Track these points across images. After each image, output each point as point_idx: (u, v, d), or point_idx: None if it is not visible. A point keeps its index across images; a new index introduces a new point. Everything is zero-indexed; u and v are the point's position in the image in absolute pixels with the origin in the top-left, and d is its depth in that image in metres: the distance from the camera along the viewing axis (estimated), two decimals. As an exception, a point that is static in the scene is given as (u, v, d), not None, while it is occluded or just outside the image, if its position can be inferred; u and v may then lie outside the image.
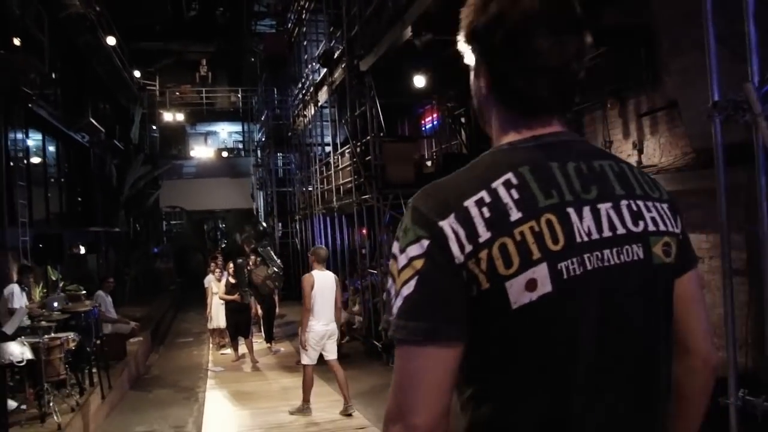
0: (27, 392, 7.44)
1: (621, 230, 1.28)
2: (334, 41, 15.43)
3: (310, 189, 19.23)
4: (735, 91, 3.88)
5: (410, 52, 10.24)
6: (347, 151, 13.90)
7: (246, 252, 13.27)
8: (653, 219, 1.33)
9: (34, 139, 15.40)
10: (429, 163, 14.86)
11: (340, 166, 14.92)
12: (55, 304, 9.41)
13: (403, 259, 1.25)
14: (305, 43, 19.51)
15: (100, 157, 21.16)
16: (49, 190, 16.41)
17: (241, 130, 33.49)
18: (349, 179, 13.73)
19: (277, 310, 13.96)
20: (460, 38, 1.38)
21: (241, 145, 33.70)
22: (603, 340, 1.24)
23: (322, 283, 8.35)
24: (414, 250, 1.24)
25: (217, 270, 13.54)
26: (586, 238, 1.25)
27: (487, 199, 1.24)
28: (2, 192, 11.76)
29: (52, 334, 7.80)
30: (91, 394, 8.25)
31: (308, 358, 8.32)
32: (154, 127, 30.32)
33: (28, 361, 6.71)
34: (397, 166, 11.82)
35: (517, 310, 1.20)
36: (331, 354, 8.48)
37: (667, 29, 7.30)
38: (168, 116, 30.45)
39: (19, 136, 13.42)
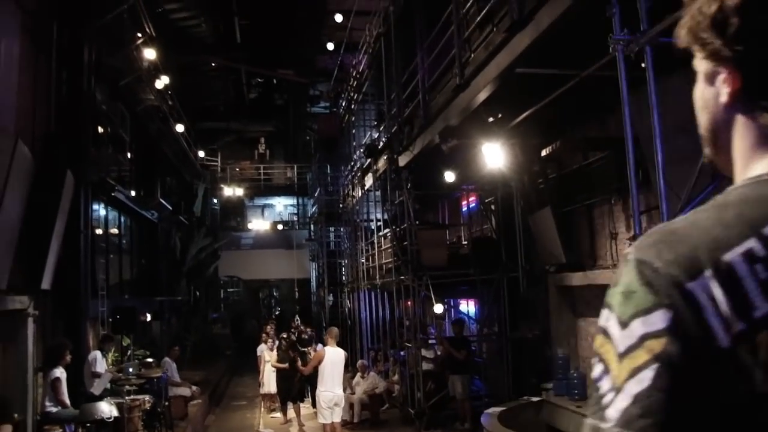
0: (110, 445, 8.96)
1: None
2: (378, 134, 17.15)
3: (357, 262, 20.73)
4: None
5: (441, 151, 11.76)
6: (388, 234, 15.42)
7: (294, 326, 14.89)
8: None
9: (111, 218, 17.35)
10: (466, 246, 16.21)
11: (383, 247, 16.43)
12: (131, 370, 11.00)
13: (626, 338, 0.81)
14: (353, 131, 21.33)
15: (166, 231, 23.11)
16: (122, 263, 18.28)
17: (295, 203, 35.51)
18: (390, 260, 15.21)
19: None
20: (683, 34, 0.97)
21: (295, 218, 35.63)
22: None
23: (333, 357, 10.20)
24: (647, 324, 0.80)
25: (269, 340, 15.05)
26: None
27: (761, 253, 0.80)
28: (88, 268, 13.51)
29: (132, 396, 9.35)
30: (161, 449, 9.74)
31: (323, 418, 10.18)
32: (215, 201, 32.59)
33: (115, 418, 8.24)
34: (430, 250, 13.24)
35: None
36: (336, 417, 10.27)
37: (646, 142, 8.61)
38: (228, 191, 32.70)
39: (101, 217, 15.34)
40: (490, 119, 10.41)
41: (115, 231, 17.80)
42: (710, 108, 1.00)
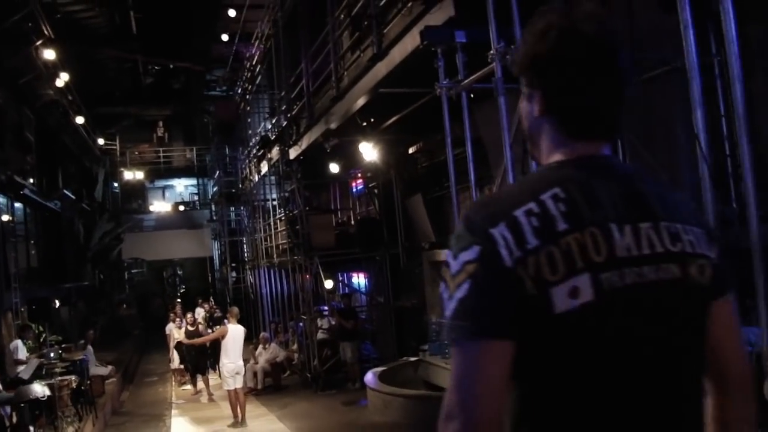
0: (41, 421, 10.27)
1: (659, 249, 1.35)
2: (270, 126, 18.60)
3: (257, 240, 22.01)
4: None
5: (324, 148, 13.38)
6: (282, 217, 17.00)
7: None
8: (690, 241, 1.39)
9: (18, 213, 18.16)
10: (353, 225, 17.95)
11: (279, 229, 17.98)
12: (52, 354, 12.25)
13: (456, 265, 1.31)
14: (249, 119, 22.61)
15: (69, 219, 23.78)
16: (29, 254, 19.09)
17: (196, 183, 36.28)
18: (285, 241, 16.80)
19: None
20: (515, 68, 1.51)
21: (196, 198, 36.38)
22: (637, 351, 1.31)
23: (234, 333, 11.96)
24: (466, 255, 1.30)
25: (177, 319, 16.43)
26: (626, 254, 1.31)
27: (536, 210, 1.31)
28: (0, 261, 14.47)
29: (60, 378, 10.69)
30: (86, 422, 11.10)
31: (228, 385, 11.89)
32: (116, 185, 33.12)
33: (47, 396, 9.61)
34: (320, 233, 14.94)
35: (559, 316, 1.26)
36: (238, 384, 12.00)
37: (488, 149, 10.46)
38: (128, 174, 33.20)
39: (8, 214, 16.22)
40: (364, 123, 12.07)
41: (21, 226, 18.56)
42: (529, 118, 1.49)
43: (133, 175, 33.23)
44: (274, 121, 17.87)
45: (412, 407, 10.77)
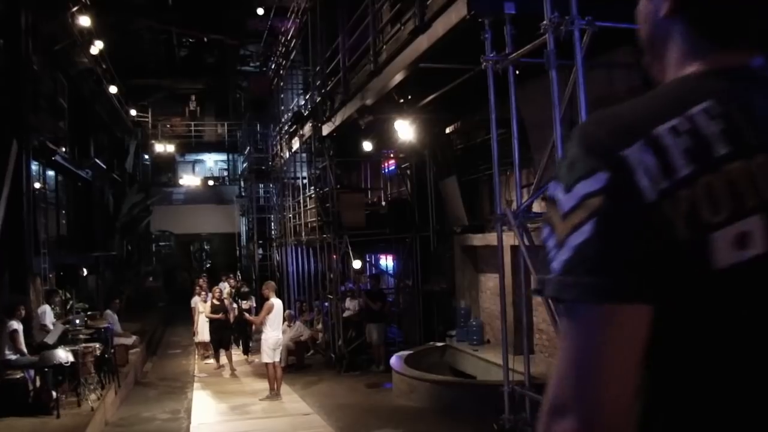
0: (64, 387, 10.20)
1: None
2: (304, 101, 18.35)
3: (285, 218, 21.92)
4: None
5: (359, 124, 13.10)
6: (312, 195, 16.79)
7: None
8: None
9: (48, 178, 18.15)
10: (384, 206, 17.68)
11: (308, 207, 17.78)
12: (77, 321, 12.18)
13: (569, 200, 0.94)
14: (282, 95, 22.40)
15: (99, 188, 23.86)
16: (59, 221, 19.11)
17: (226, 159, 36.31)
18: (314, 219, 16.59)
19: (253, 327, 16.64)
20: None
21: (226, 174, 36.44)
22: None
23: (278, 306, 11.94)
24: (587, 185, 0.93)
25: (203, 292, 16.33)
26: None
27: (685, 127, 0.94)
28: (31, 227, 14.43)
29: (84, 344, 10.60)
30: (108, 390, 11.01)
31: (268, 358, 11.76)
32: (147, 157, 33.21)
33: (71, 362, 9.51)
34: (350, 212, 14.68)
35: (721, 273, 0.90)
36: (277, 357, 12.00)
37: (529, 130, 10.12)
38: (159, 147, 33.34)
39: (39, 177, 16.19)
40: (401, 100, 11.77)
41: (52, 192, 18.57)
42: (651, 20, 1.11)
43: (164, 147, 33.35)
44: (307, 97, 17.61)
45: (439, 393, 10.56)
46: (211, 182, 35.04)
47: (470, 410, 9.76)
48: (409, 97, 11.79)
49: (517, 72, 7.32)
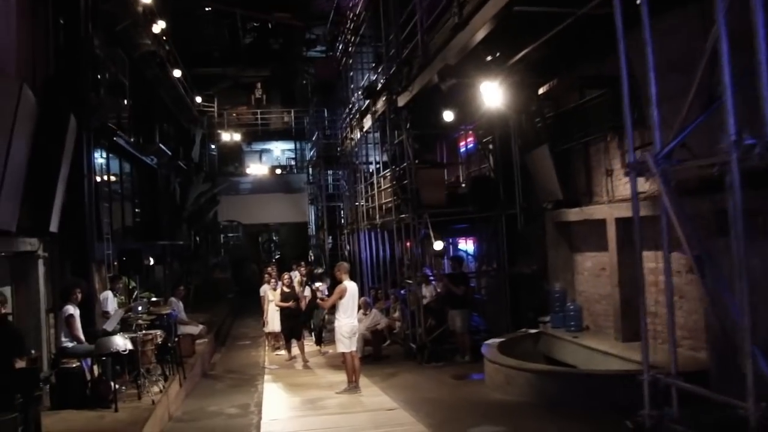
0: (123, 378, 9.30)
1: None
2: (376, 75, 17.20)
3: (357, 204, 20.98)
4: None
5: (439, 91, 11.87)
6: (388, 174, 15.63)
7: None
8: None
9: (112, 163, 17.49)
10: (464, 185, 16.41)
11: (383, 187, 16.65)
12: (140, 308, 11.31)
13: None
14: (351, 73, 21.34)
15: (165, 177, 23.25)
16: (123, 208, 18.48)
17: (293, 147, 35.61)
18: (390, 199, 15.44)
19: (326, 317, 15.62)
20: None
21: (293, 162, 35.76)
22: None
23: (351, 289, 10.65)
24: None
25: (272, 280, 15.37)
26: None
27: None
28: (92, 211, 13.73)
29: (145, 331, 9.68)
30: (172, 382, 10.08)
31: (344, 347, 10.58)
32: (213, 146, 32.67)
33: (130, 351, 8.57)
34: (429, 189, 13.47)
35: None
36: (354, 346, 10.76)
37: (642, 80, 8.74)
38: (225, 136, 32.77)
39: (103, 162, 15.50)
40: (488, 58, 10.50)
41: (116, 178, 17.96)
42: None
43: (230, 137, 32.81)
44: (380, 69, 16.45)
45: (541, 384, 9.22)
46: (278, 171, 34.40)
47: (580, 404, 8.46)
48: (498, 54, 10.50)
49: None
